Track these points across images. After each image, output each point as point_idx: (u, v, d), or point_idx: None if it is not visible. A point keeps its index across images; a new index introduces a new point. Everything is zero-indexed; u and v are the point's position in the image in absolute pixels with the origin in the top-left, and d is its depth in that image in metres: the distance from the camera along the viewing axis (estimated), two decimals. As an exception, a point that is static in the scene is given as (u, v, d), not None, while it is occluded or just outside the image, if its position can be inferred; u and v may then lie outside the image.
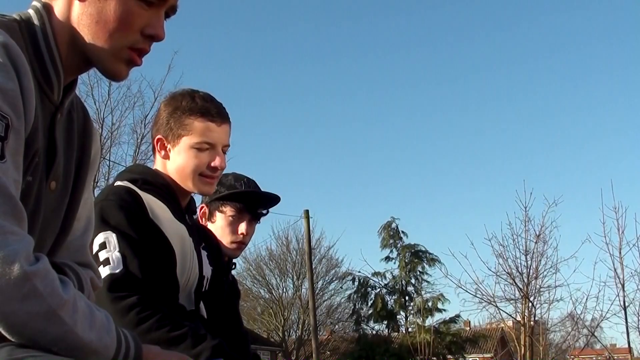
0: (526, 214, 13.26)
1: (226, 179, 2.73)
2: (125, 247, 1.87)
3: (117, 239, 1.87)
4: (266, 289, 34.80)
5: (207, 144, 2.07)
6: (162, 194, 2.07)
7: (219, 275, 2.30)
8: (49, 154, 1.25)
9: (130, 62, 1.28)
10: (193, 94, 2.11)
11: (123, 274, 1.83)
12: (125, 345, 1.25)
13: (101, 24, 1.24)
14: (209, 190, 2.15)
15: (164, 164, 2.12)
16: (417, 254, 22.38)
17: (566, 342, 17.30)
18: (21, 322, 1.08)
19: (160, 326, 1.82)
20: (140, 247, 1.89)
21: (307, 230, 22.14)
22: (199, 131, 2.06)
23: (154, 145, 2.14)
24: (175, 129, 2.07)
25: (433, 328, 19.70)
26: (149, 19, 1.27)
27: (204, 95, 2.12)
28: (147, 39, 1.28)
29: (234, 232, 2.68)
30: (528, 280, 12.98)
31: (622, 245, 11.79)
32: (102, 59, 1.26)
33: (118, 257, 1.85)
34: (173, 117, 2.08)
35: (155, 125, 2.15)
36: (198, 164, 2.07)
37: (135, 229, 1.91)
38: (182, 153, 2.08)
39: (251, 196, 2.71)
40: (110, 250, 1.86)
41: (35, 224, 1.22)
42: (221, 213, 2.69)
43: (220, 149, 2.10)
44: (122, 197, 1.96)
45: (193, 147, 2.06)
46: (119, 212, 1.92)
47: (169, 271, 1.98)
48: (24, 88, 1.13)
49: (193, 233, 2.13)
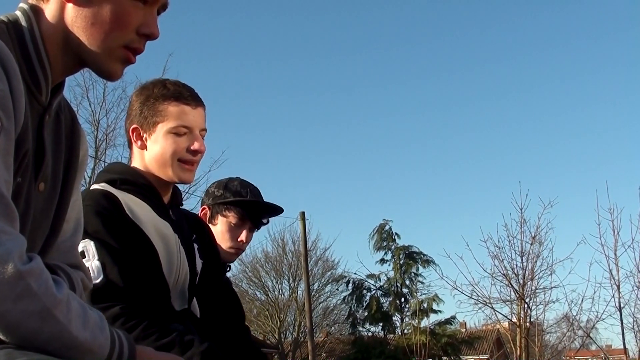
0: (522, 215, 13.25)
1: (232, 184, 2.73)
2: (105, 255, 1.82)
3: (96, 247, 1.83)
4: (262, 291, 34.76)
5: (184, 127, 2.02)
6: (143, 192, 2.03)
7: (211, 268, 2.26)
8: (38, 156, 1.25)
9: (126, 61, 1.29)
10: (164, 81, 2.08)
11: (104, 284, 1.79)
12: (119, 345, 1.26)
13: (97, 26, 1.24)
14: (188, 178, 2.07)
15: (142, 155, 2.07)
16: (411, 256, 22.37)
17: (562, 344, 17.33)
18: (15, 321, 1.08)
19: (146, 335, 1.78)
20: (120, 253, 1.85)
21: (303, 232, 22.14)
22: (174, 115, 2.01)
23: (130, 137, 2.08)
24: (150, 117, 2.03)
25: (429, 329, 19.69)
26: (143, 18, 1.28)
27: (175, 81, 2.09)
28: (142, 37, 1.29)
29: (233, 238, 2.68)
30: (524, 281, 12.98)
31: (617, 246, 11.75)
32: (98, 59, 1.27)
33: (98, 266, 1.80)
34: (146, 105, 2.03)
35: (128, 118, 2.09)
36: (177, 149, 2.01)
37: (114, 235, 1.86)
38: (159, 140, 2.02)
39: (256, 205, 2.71)
40: (89, 259, 1.81)
41: (25, 225, 1.22)
42: (224, 217, 2.69)
43: (197, 133, 2.05)
44: (98, 202, 1.91)
45: (170, 132, 2.01)
46: (96, 219, 1.86)
47: (155, 273, 1.94)
48: (13, 89, 1.13)
49: (179, 228, 2.08)
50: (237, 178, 2.78)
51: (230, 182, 2.74)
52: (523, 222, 13.19)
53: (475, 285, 13.29)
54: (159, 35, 1.30)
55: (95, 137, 19.35)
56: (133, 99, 2.10)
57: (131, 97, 2.14)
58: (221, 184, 2.76)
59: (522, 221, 13.19)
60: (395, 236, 22.72)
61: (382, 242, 22.64)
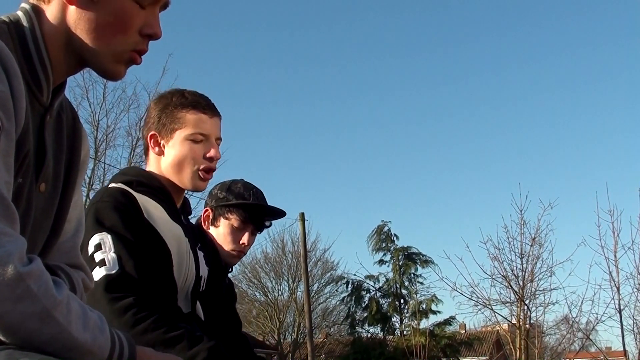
0: (522, 217, 13.25)
1: (235, 187, 2.73)
2: (121, 248, 1.87)
3: (113, 240, 1.88)
4: (261, 292, 34.78)
5: (201, 135, 2.09)
6: (157, 195, 2.07)
7: (215, 276, 2.30)
8: (39, 156, 1.25)
9: (130, 62, 1.30)
10: (182, 91, 2.16)
11: (119, 275, 1.83)
12: (119, 346, 1.26)
13: (100, 28, 1.24)
14: (202, 187, 2.14)
15: (158, 161, 2.13)
16: (410, 257, 22.36)
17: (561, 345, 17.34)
18: (15, 323, 1.08)
19: (156, 327, 1.82)
20: (136, 248, 1.89)
21: (302, 233, 22.13)
22: (192, 123, 2.09)
23: (147, 143, 2.14)
24: (168, 124, 2.10)
25: (428, 331, 19.69)
26: (145, 19, 1.28)
27: (193, 91, 2.17)
28: (145, 38, 1.29)
29: (235, 240, 2.69)
30: (523, 283, 12.98)
31: (617, 248, 11.76)
32: (102, 61, 1.27)
33: (114, 258, 1.85)
34: (165, 112, 2.11)
35: (146, 125, 2.17)
36: (193, 156, 2.08)
37: (131, 230, 1.91)
38: (176, 146, 2.09)
39: (259, 209, 2.71)
40: (106, 251, 1.86)
41: (26, 226, 1.22)
42: (226, 220, 2.69)
43: (213, 141, 2.13)
44: (116, 198, 1.97)
45: (187, 138, 2.09)
46: (114, 213, 1.92)
47: (166, 272, 1.98)
48: (14, 90, 1.13)
49: (189, 234, 2.13)
50: (241, 180, 2.78)
51: (233, 185, 2.74)
52: (523, 224, 13.20)
53: (475, 287, 13.31)
54: (161, 35, 1.31)
55: (95, 138, 19.40)
56: (151, 107, 2.18)
57: (149, 106, 2.23)
58: (224, 186, 2.76)
59: (522, 223, 13.21)
60: (394, 237, 22.74)
61: (381, 243, 22.64)
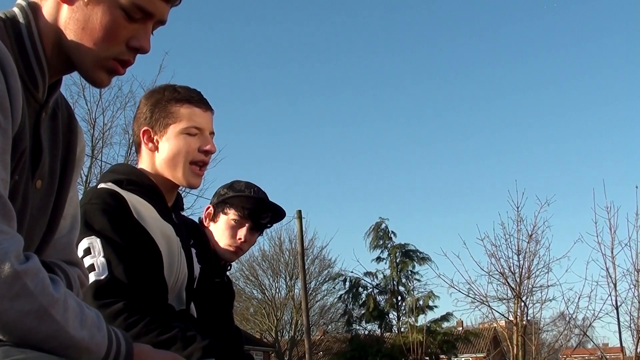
0: (518, 213, 13.26)
1: (238, 185, 2.76)
2: (110, 252, 1.85)
3: (102, 244, 1.86)
4: (259, 290, 34.82)
5: (196, 128, 2.08)
6: (148, 193, 2.06)
7: (207, 273, 2.29)
8: (34, 153, 1.25)
9: (112, 71, 1.28)
10: (173, 86, 2.15)
11: (108, 280, 1.82)
12: (116, 343, 1.26)
13: (87, 31, 1.24)
14: (196, 182, 2.11)
15: (152, 156, 2.10)
16: (408, 254, 22.39)
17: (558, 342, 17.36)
18: (12, 321, 1.09)
19: (148, 330, 1.81)
20: (125, 251, 1.88)
21: (299, 230, 22.15)
22: (186, 117, 2.07)
23: (140, 139, 2.11)
24: (162, 119, 2.08)
25: (425, 327, 19.72)
26: (134, 31, 1.26)
27: (184, 86, 2.15)
28: (132, 50, 1.27)
29: (233, 236, 2.69)
30: (520, 279, 12.99)
31: (614, 244, 11.74)
32: (84, 65, 1.26)
33: (103, 263, 1.83)
34: (158, 107, 2.09)
35: (137, 121, 2.14)
36: (189, 149, 2.07)
37: (120, 233, 1.89)
38: (171, 140, 2.07)
39: (257, 203, 2.71)
40: (95, 255, 1.84)
41: (22, 223, 1.22)
42: (225, 215, 2.70)
43: (208, 134, 2.11)
44: (105, 200, 1.94)
45: (182, 132, 2.07)
46: (102, 216, 1.90)
47: (157, 273, 1.96)
48: (10, 87, 1.13)
49: (180, 232, 2.12)
50: (245, 181, 2.80)
51: (236, 183, 2.78)
52: (520, 221, 13.21)
53: (472, 284, 13.31)
54: (149, 50, 1.28)
55: (92, 136, 19.36)
56: (142, 102, 2.15)
57: (140, 102, 2.19)
58: (227, 185, 2.80)
59: (519, 219, 13.21)
60: (391, 234, 22.76)
61: (378, 241, 22.66)
